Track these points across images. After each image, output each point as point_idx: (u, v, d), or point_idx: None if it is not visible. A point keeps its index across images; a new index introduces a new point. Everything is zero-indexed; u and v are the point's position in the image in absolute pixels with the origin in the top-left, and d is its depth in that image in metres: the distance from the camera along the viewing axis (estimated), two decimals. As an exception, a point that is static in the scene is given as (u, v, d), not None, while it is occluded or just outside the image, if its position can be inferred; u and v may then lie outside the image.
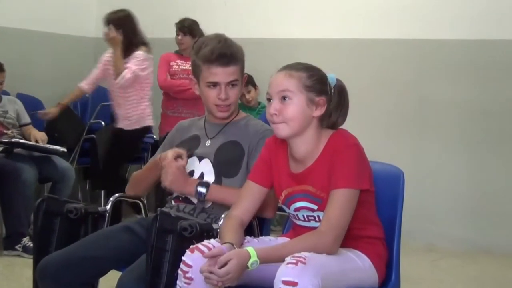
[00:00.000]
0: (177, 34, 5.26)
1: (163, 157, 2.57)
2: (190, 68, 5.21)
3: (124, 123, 4.98)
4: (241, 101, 5.56)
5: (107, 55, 5.02)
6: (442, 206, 5.24)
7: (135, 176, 2.79)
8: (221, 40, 2.58)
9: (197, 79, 2.64)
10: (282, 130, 2.21)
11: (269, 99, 2.23)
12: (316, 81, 2.21)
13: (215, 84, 2.57)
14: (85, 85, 5.07)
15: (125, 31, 4.87)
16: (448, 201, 5.22)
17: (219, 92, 2.57)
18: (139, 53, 4.89)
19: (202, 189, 2.51)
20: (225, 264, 1.99)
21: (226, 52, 2.54)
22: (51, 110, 5.06)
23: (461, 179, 5.19)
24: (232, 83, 2.58)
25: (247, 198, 2.31)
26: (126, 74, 4.82)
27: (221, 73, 2.55)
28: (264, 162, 2.34)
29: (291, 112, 2.18)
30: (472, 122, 5.16)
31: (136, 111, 4.97)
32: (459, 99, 5.18)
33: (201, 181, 2.54)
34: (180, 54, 5.33)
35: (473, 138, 5.16)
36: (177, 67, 5.28)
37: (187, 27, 5.22)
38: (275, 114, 2.19)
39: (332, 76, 2.26)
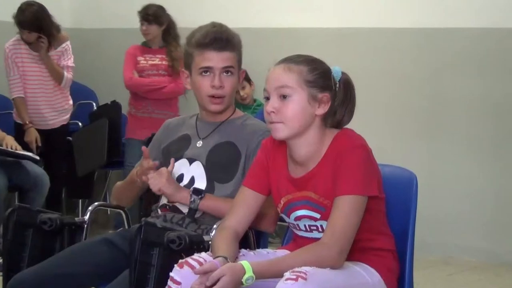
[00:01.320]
0: (141, 24, 5.19)
1: (140, 172, 2.56)
2: (160, 62, 5.23)
3: (65, 118, 5.26)
4: (235, 98, 5.55)
5: (11, 43, 5.09)
6: (460, 214, 5.24)
7: (117, 188, 2.80)
8: (216, 25, 2.62)
9: (189, 70, 2.66)
10: (281, 131, 2.20)
11: (266, 98, 2.23)
12: (319, 75, 2.21)
13: (208, 71, 2.59)
14: (22, 94, 5.10)
15: (45, 30, 5.00)
16: (466, 209, 5.22)
17: (213, 79, 2.58)
18: (67, 45, 5.14)
19: (196, 196, 2.51)
20: (218, 280, 1.98)
21: (222, 36, 2.58)
22: (32, 137, 5.04)
23: (481, 184, 5.19)
24: (227, 70, 2.59)
25: (241, 206, 2.31)
26: (68, 75, 5.14)
27: (215, 58, 2.57)
28: (260, 166, 2.34)
29: (291, 111, 2.18)
30: (495, 120, 5.15)
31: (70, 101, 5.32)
32: (479, 95, 5.17)
33: (195, 188, 2.54)
34: (148, 47, 5.25)
35: (496, 139, 5.15)
36: (145, 62, 5.22)
37: (152, 15, 5.15)
38: (273, 112, 2.19)
39: (337, 69, 2.27)
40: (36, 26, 4.96)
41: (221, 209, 2.47)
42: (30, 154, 4.73)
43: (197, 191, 2.53)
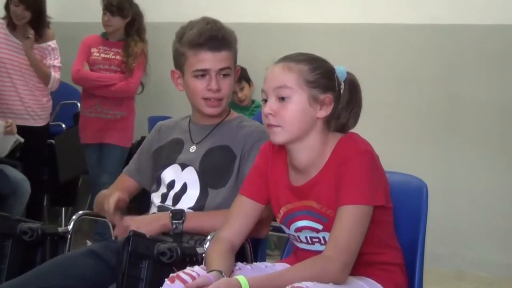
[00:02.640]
0: (104, 14, 5.11)
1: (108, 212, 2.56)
2: (114, 57, 5.20)
3: (44, 117, 5.19)
4: (232, 99, 5.56)
5: None
6: (474, 225, 5.24)
7: (99, 199, 2.78)
8: (210, 22, 2.63)
9: (181, 70, 2.67)
10: (279, 135, 2.21)
11: (264, 100, 2.24)
12: (321, 75, 2.22)
13: (204, 73, 2.60)
14: None
15: (39, 13, 5.00)
16: (481, 220, 5.23)
17: (209, 81, 2.59)
18: (54, 44, 5.13)
19: (177, 221, 2.51)
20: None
21: (217, 35, 2.59)
22: None
23: (497, 193, 5.19)
24: (224, 72, 2.61)
25: (238, 216, 2.32)
26: (56, 75, 5.10)
27: (211, 59, 2.58)
28: (258, 172, 2.35)
29: (290, 113, 2.19)
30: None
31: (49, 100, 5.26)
32: (494, 95, 5.18)
33: (174, 211, 2.54)
34: (105, 38, 5.19)
35: (513, 143, 5.17)
36: (98, 55, 5.14)
37: (116, 6, 5.05)
38: (271, 114, 2.20)
39: (341, 69, 2.28)
40: (33, 4, 4.95)
41: (206, 226, 2.49)
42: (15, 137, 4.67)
43: (177, 215, 2.52)
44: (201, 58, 2.59)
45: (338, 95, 2.25)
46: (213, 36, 2.58)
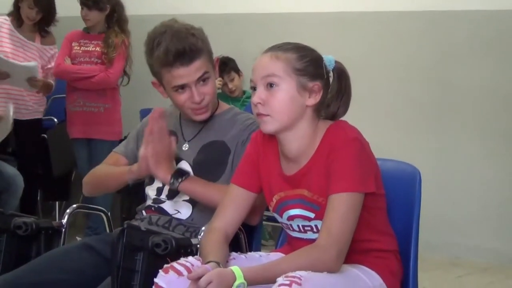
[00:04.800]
0: (81, 8, 5.11)
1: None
2: (94, 49, 5.21)
3: (39, 111, 5.24)
4: (222, 91, 5.57)
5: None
6: (468, 212, 5.26)
7: (96, 175, 2.80)
8: (174, 34, 2.55)
9: (159, 81, 2.65)
10: (269, 124, 2.21)
11: (253, 88, 2.24)
12: (309, 63, 2.22)
13: (183, 87, 2.58)
14: None
15: (48, 14, 5.06)
16: (476, 207, 5.25)
17: (191, 94, 2.57)
18: (55, 49, 5.20)
19: (175, 179, 2.52)
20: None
21: (184, 48, 2.52)
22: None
23: (491, 180, 5.21)
24: (203, 78, 2.58)
25: (231, 205, 2.33)
26: (52, 85, 5.17)
27: (185, 73, 2.55)
28: (249, 161, 2.36)
29: (279, 102, 2.19)
30: (507, 111, 5.16)
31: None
32: (490, 83, 5.19)
33: (179, 169, 2.56)
34: (87, 32, 5.20)
35: (508, 131, 5.17)
36: (78, 48, 5.13)
37: (91, 0, 5.03)
38: (260, 103, 2.20)
39: (329, 58, 2.28)
40: (47, 7, 5.03)
41: (199, 193, 2.53)
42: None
43: (180, 173, 2.54)
44: (176, 75, 2.55)
45: (326, 83, 2.25)
46: (179, 51, 2.51)
